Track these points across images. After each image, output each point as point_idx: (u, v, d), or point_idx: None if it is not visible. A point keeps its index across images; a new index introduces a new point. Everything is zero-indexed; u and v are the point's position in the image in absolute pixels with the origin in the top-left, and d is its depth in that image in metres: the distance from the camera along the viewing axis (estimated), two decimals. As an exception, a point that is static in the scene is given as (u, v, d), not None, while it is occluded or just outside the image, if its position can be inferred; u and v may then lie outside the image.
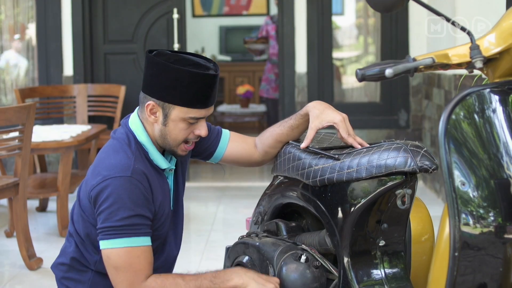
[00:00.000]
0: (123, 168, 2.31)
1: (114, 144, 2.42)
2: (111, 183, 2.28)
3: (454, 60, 2.05)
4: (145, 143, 2.42)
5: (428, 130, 6.38)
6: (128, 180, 2.29)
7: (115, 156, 2.36)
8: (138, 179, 2.31)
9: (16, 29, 7.06)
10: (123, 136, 2.43)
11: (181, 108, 2.35)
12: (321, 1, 6.70)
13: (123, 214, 2.27)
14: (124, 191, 2.28)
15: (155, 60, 2.35)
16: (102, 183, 2.30)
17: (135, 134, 2.43)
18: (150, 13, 6.86)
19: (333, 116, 2.48)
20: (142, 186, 2.31)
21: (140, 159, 2.38)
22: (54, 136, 4.97)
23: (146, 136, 2.43)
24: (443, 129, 1.87)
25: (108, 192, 2.28)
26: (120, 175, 2.29)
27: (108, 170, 2.31)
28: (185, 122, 2.38)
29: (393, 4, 2.04)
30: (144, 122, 2.44)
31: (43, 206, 5.69)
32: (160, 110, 2.37)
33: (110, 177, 2.29)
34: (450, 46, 2.11)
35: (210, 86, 2.37)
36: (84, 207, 2.41)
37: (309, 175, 2.39)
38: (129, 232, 2.28)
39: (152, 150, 2.43)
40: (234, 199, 6.16)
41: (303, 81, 6.72)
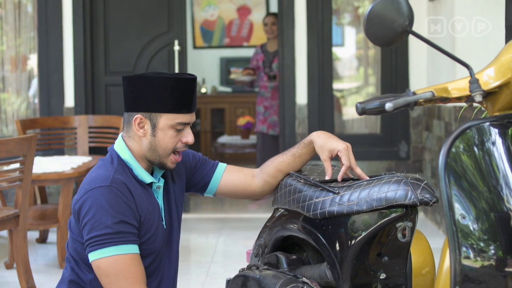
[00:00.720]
0: (102, 179, 2.37)
1: (98, 164, 2.51)
2: (91, 195, 2.34)
3: (453, 94, 2.06)
4: (128, 160, 2.49)
5: (429, 162, 6.38)
6: (108, 189, 2.34)
7: (96, 171, 2.44)
8: (117, 187, 2.35)
9: (17, 60, 7.09)
10: (107, 157, 2.52)
11: (168, 115, 2.43)
12: (321, 33, 6.73)
13: (107, 222, 2.31)
14: (105, 200, 2.32)
15: (135, 77, 2.47)
16: (83, 196, 2.35)
17: (118, 153, 2.50)
18: (151, 45, 6.90)
19: (336, 144, 2.52)
20: (122, 195, 2.36)
21: (123, 173, 2.44)
22: (55, 168, 4.97)
23: (129, 153, 2.49)
24: (443, 163, 1.88)
25: (90, 203, 2.33)
26: (100, 185, 2.35)
27: (88, 184, 2.38)
28: (173, 129, 2.45)
29: (393, 39, 2.06)
30: (128, 141, 2.51)
31: (43, 237, 5.68)
32: (147, 122, 2.45)
33: (90, 189, 2.35)
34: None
35: (192, 89, 2.47)
36: (73, 227, 2.46)
37: (310, 207, 2.40)
38: (115, 240, 2.31)
39: (136, 166, 2.49)
40: (234, 230, 6.14)
41: (304, 113, 6.74)
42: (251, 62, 7.97)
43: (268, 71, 7.62)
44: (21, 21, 7.05)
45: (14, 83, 7.10)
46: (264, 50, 7.80)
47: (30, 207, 5.35)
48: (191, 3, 10.87)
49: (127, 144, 2.51)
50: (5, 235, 5.62)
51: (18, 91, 7.12)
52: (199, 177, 2.74)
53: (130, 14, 6.93)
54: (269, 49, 7.70)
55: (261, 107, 7.70)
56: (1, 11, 7.07)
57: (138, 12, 6.93)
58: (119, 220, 2.31)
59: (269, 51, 7.70)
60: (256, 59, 7.85)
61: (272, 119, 7.55)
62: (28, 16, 7.06)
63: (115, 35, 6.93)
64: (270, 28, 7.61)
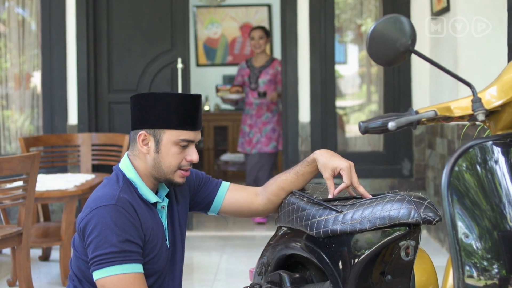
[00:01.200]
0: (108, 198, 2.37)
1: (103, 183, 2.52)
2: (96, 213, 2.33)
3: (456, 113, 2.06)
4: (133, 179, 2.49)
5: (432, 180, 6.38)
6: (113, 208, 2.34)
7: (102, 190, 2.44)
8: (123, 206, 2.35)
9: (21, 77, 7.11)
10: (112, 176, 2.53)
11: (172, 131, 2.45)
12: (324, 50, 6.76)
13: (112, 240, 2.31)
14: (110, 218, 2.32)
15: (141, 95, 2.49)
16: (88, 215, 2.35)
17: (123, 172, 2.51)
18: (154, 63, 6.93)
19: (339, 162, 2.54)
20: (128, 214, 2.36)
21: (128, 192, 2.44)
22: (58, 185, 4.98)
23: (135, 172, 2.50)
24: (446, 181, 1.88)
25: (95, 222, 2.33)
26: (105, 204, 2.35)
27: (94, 202, 2.38)
28: (177, 146, 2.46)
29: (395, 58, 2.07)
30: (133, 160, 2.52)
31: (46, 255, 5.67)
32: (151, 138, 2.47)
33: (95, 208, 2.35)
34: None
35: (197, 107, 2.49)
36: (77, 245, 2.46)
37: (313, 226, 2.40)
38: (120, 259, 2.31)
39: (141, 185, 2.50)
40: (237, 248, 6.13)
41: (307, 130, 6.74)
42: (236, 78, 7.67)
43: (254, 87, 7.37)
44: (25, 38, 7.08)
45: (17, 101, 7.12)
46: (249, 65, 7.55)
47: (33, 225, 5.34)
48: (194, 21, 10.91)
49: (133, 163, 2.52)
50: (8, 253, 5.62)
51: (21, 109, 7.13)
52: (203, 196, 2.75)
53: (133, 33, 6.96)
54: (255, 64, 7.49)
55: (246, 127, 7.43)
56: (5, 28, 7.10)
57: (142, 31, 6.96)
58: (124, 239, 2.31)
59: (255, 66, 7.48)
60: (241, 75, 7.58)
61: (257, 138, 7.31)
62: (32, 34, 7.09)
63: (119, 53, 6.96)
64: (257, 42, 7.40)
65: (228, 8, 10.87)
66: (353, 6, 7.09)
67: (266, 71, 7.37)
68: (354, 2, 7.07)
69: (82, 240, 2.39)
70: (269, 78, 7.34)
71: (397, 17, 2.08)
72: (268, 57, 7.50)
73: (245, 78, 7.50)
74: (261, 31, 7.43)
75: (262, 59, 7.45)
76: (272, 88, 7.33)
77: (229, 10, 10.96)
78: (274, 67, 7.36)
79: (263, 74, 7.36)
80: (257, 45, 7.41)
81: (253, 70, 7.47)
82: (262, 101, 7.30)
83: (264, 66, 7.40)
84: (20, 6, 7.14)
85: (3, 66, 7.09)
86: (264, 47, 7.44)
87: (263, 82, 7.33)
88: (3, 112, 7.09)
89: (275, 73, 7.35)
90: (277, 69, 7.33)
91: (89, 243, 2.34)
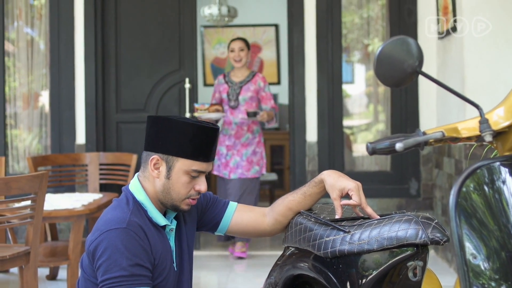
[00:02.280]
0: (119, 221, 2.36)
1: (113, 204, 2.51)
2: (107, 236, 2.33)
3: (463, 134, 2.07)
4: (143, 201, 2.49)
5: (439, 199, 6.37)
6: (124, 231, 2.34)
7: (112, 212, 2.43)
8: (133, 230, 2.35)
9: (29, 97, 7.15)
10: (122, 198, 2.52)
11: (185, 160, 2.44)
12: (331, 70, 6.78)
13: (122, 264, 2.30)
14: (121, 242, 2.32)
15: (159, 118, 2.47)
16: (99, 237, 2.35)
17: (133, 194, 2.51)
18: (162, 83, 6.96)
19: (347, 183, 2.53)
20: (138, 237, 2.36)
21: (138, 215, 2.44)
22: (66, 205, 4.99)
23: (145, 195, 2.50)
24: (454, 202, 1.88)
25: (105, 244, 2.33)
26: (116, 227, 2.34)
27: (104, 225, 2.37)
28: (187, 176, 2.46)
29: (403, 79, 2.08)
30: (143, 182, 2.53)
31: (53, 274, 5.68)
32: (163, 164, 2.47)
33: (106, 231, 2.34)
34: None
35: (213, 140, 2.48)
36: (85, 267, 2.46)
37: (320, 246, 2.40)
38: (130, 283, 2.30)
39: (151, 208, 2.50)
40: (245, 268, 6.13)
41: (314, 150, 6.75)
42: (213, 95, 6.92)
43: (234, 104, 6.65)
44: (34, 58, 7.12)
45: (25, 120, 7.15)
46: (228, 80, 6.84)
47: (41, 244, 5.36)
48: (201, 41, 10.95)
49: (143, 185, 2.52)
50: (15, 272, 5.62)
51: (29, 128, 7.16)
52: (210, 216, 2.75)
53: (141, 53, 7.00)
54: (234, 79, 6.79)
55: (223, 148, 6.69)
56: (14, 48, 7.14)
57: (150, 51, 7.00)
58: (134, 263, 2.31)
59: (234, 82, 6.78)
60: (219, 91, 6.86)
61: (235, 161, 6.63)
62: (40, 53, 7.13)
63: (127, 73, 7.00)
64: (237, 54, 6.73)
65: (236, 28, 10.91)
66: (360, 26, 7.12)
67: (247, 87, 6.70)
68: (361, 22, 7.10)
69: (92, 262, 2.39)
70: (251, 95, 6.68)
71: (404, 38, 2.09)
72: (249, 71, 6.85)
73: (223, 95, 6.80)
74: (241, 42, 6.83)
75: (242, 73, 6.81)
76: (254, 106, 6.67)
77: (236, 30, 11.00)
78: (256, 82, 6.72)
79: (243, 91, 6.70)
80: (237, 58, 6.75)
81: (232, 86, 6.77)
82: (243, 121, 6.63)
83: (244, 81, 6.75)
84: (29, 26, 7.18)
85: (12, 85, 7.12)
86: (246, 60, 6.80)
87: (244, 99, 6.68)
88: (11, 131, 7.12)
89: (257, 89, 6.71)
90: (260, 85, 6.72)
91: (99, 266, 2.34)
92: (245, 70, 6.82)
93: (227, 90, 6.76)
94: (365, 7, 7.07)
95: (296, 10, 6.83)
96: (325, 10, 6.78)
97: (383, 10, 6.99)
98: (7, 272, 5.82)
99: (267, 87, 6.75)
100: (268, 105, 6.67)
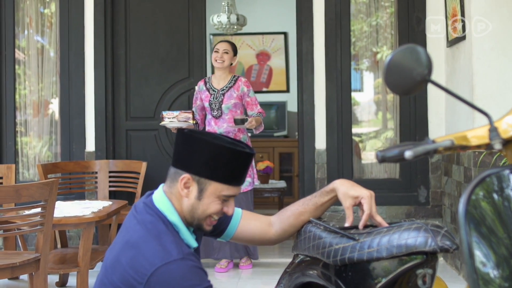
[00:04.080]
0: (173, 253, 2.24)
1: (148, 230, 2.32)
2: (167, 270, 2.21)
3: (473, 142, 2.07)
4: (176, 223, 2.38)
5: (448, 207, 6.36)
6: (183, 262, 2.22)
7: (155, 241, 2.28)
8: (190, 258, 2.25)
9: (40, 104, 7.18)
10: (154, 220, 2.36)
11: (218, 184, 2.34)
12: (340, 78, 6.79)
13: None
14: (188, 271, 2.22)
15: (193, 137, 2.34)
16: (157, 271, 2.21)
17: (164, 214, 2.38)
18: (171, 91, 6.99)
19: (360, 192, 2.52)
20: (196, 263, 2.26)
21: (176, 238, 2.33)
22: (76, 212, 5.00)
23: (177, 215, 2.39)
24: (463, 210, 1.88)
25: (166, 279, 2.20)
26: (173, 259, 2.21)
27: (156, 257, 2.23)
28: (219, 199, 2.37)
29: (412, 87, 2.08)
30: (172, 199, 2.40)
31: (63, 281, 5.69)
32: (194, 184, 2.35)
33: (162, 265, 2.21)
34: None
35: (247, 164, 2.39)
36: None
37: (330, 254, 2.40)
38: None
39: (183, 229, 2.40)
40: (253, 275, 6.13)
41: (323, 158, 6.76)
42: (194, 101, 6.54)
43: (217, 114, 6.30)
44: (44, 66, 7.16)
45: (35, 127, 7.18)
46: (209, 87, 6.46)
47: (51, 251, 5.37)
48: (211, 49, 10.98)
49: (172, 202, 2.41)
50: (25, 279, 5.64)
51: (39, 135, 7.19)
52: (216, 223, 2.72)
53: (151, 61, 7.03)
54: (216, 86, 6.43)
55: None
56: (24, 56, 7.18)
57: (159, 59, 7.03)
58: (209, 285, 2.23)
59: (215, 89, 6.41)
60: (200, 98, 6.47)
61: None
62: (50, 61, 7.16)
63: (136, 81, 7.03)
64: (220, 55, 6.38)
65: (245, 36, 10.94)
66: (368, 34, 7.13)
67: (230, 93, 6.34)
68: (370, 30, 7.11)
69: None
70: (234, 102, 6.34)
71: (414, 47, 2.10)
72: (230, 76, 6.47)
73: (205, 104, 6.41)
74: (227, 44, 6.50)
75: (223, 78, 6.45)
76: (239, 114, 6.36)
77: (245, 38, 11.04)
78: (238, 88, 6.37)
79: (226, 98, 6.34)
80: (218, 59, 6.40)
81: (213, 93, 6.40)
82: (228, 130, 6.30)
83: (226, 87, 6.38)
84: (39, 34, 7.22)
85: (22, 93, 7.16)
86: (228, 63, 6.43)
87: (228, 107, 6.33)
88: (21, 138, 7.15)
89: (240, 96, 6.37)
90: (243, 90, 6.38)
91: None
92: (226, 75, 6.46)
93: (209, 98, 6.38)
94: (373, 15, 7.08)
95: (305, 18, 6.84)
96: (334, 18, 6.80)
97: (391, 18, 7.00)
98: (17, 279, 5.84)
99: (251, 92, 6.42)
100: (255, 111, 6.36)
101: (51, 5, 7.21)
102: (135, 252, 2.26)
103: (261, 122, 6.34)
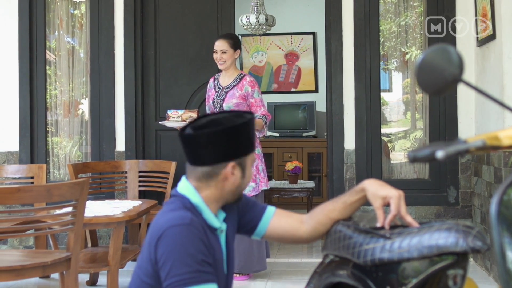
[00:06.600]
0: (181, 218, 2.35)
1: (168, 207, 2.48)
2: (170, 233, 2.32)
3: (505, 142, 2.06)
4: (198, 204, 2.49)
5: (478, 207, 6.32)
6: (188, 228, 2.33)
7: (170, 213, 2.40)
8: (197, 227, 2.35)
9: (70, 104, 7.24)
10: (175, 201, 2.51)
11: (249, 155, 2.55)
12: (369, 78, 6.77)
13: (187, 261, 2.28)
14: (186, 237, 2.31)
15: (211, 132, 2.44)
16: (163, 234, 2.33)
17: (187, 197, 2.50)
18: (201, 91, 7.01)
19: (390, 192, 2.52)
20: (202, 234, 2.35)
21: (196, 216, 2.43)
22: (106, 211, 5.04)
23: (199, 197, 2.50)
24: (495, 211, 1.88)
25: (169, 241, 2.31)
26: (179, 223, 2.33)
27: (167, 222, 2.35)
28: (251, 166, 2.57)
29: (444, 87, 2.07)
30: (203, 190, 2.51)
31: (93, 280, 5.73)
32: (237, 167, 2.50)
33: (169, 227, 2.33)
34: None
35: (253, 127, 2.58)
36: (146, 272, 2.41)
37: (360, 254, 2.40)
38: (196, 280, 2.27)
39: (206, 210, 2.50)
40: (282, 275, 6.13)
41: (352, 158, 6.75)
42: (207, 99, 6.31)
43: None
44: (74, 66, 7.22)
45: (66, 127, 7.24)
46: (216, 84, 6.21)
47: (81, 250, 5.41)
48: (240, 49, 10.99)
49: (198, 191, 2.52)
50: (56, 277, 5.68)
51: (70, 135, 7.25)
52: (248, 219, 2.74)
53: (180, 61, 7.06)
54: (222, 83, 6.17)
55: None
56: (55, 57, 7.25)
57: (188, 59, 7.07)
58: (200, 259, 2.30)
59: (221, 86, 6.16)
60: (208, 96, 6.28)
61: None
62: (81, 62, 7.22)
63: (166, 81, 7.07)
64: (220, 56, 6.07)
65: (273, 36, 10.94)
66: (397, 34, 7.10)
67: (233, 92, 6.04)
68: (399, 30, 7.08)
69: (155, 262, 2.36)
70: (236, 101, 6.01)
71: (445, 47, 2.09)
72: (237, 73, 6.16)
73: (210, 102, 6.18)
74: (224, 43, 6.09)
75: (229, 76, 6.16)
76: None
77: (274, 39, 11.04)
78: (242, 88, 6.03)
79: (228, 97, 6.05)
80: (219, 60, 6.11)
81: (219, 91, 6.15)
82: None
83: (230, 85, 6.09)
84: (70, 35, 7.29)
85: (53, 94, 7.22)
86: (230, 62, 6.11)
87: (229, 107, 6.01)
88: (52, 138, 7.22)
89: (243, 95, 6.03)
90: (247, 90, 6.03)
91: (163, 264, 2.31)
92: (232, 72, 6.15)
93: (213, 96, 6.14)
94: (402, 15, 7.05)
95: (334, 18, 6.84)
96: (362, 18, 6.78)
97: (420, 17, 6.96)
98: (48, 278, 5.90)
99: (256, 93, 6.05)
100: (258, 113, 5.97)
101: (81, 6, 7.28)
102: (156, 219, 2.44)
103: (263, 126, 5.98)
